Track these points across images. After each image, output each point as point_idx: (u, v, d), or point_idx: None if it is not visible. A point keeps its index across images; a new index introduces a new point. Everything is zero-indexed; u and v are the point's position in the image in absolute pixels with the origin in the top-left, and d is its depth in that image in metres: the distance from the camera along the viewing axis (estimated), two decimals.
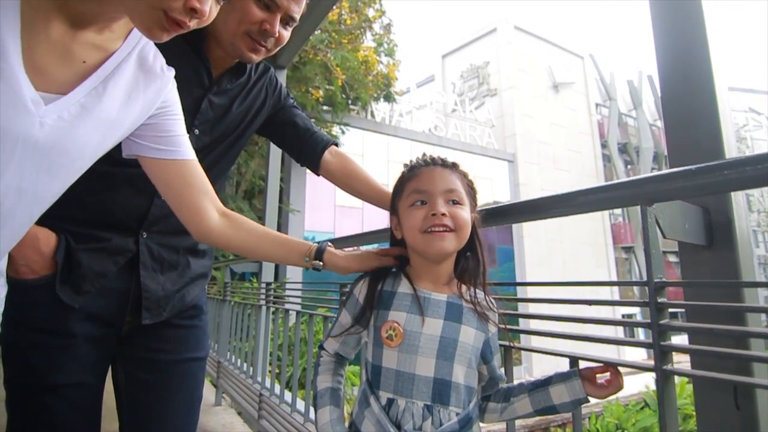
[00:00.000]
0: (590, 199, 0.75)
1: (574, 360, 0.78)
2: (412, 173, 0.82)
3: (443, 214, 0.74)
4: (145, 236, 0.89)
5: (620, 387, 0.70)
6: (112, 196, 0.85)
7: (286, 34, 0.92)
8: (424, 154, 0.85)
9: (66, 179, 0.62)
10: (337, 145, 1.14)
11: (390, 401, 0.71)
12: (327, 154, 1.10)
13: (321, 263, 0.83)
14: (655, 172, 0.66)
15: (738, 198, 0.79)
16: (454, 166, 0.82)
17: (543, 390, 0.74)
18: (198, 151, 0.93)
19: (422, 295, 0.76)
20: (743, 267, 0.74)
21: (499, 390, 0.79)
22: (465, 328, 0.74)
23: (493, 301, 0.80)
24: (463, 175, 0.82)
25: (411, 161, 0.85)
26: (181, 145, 0.77)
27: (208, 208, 0.80)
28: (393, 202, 0.84)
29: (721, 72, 0.79)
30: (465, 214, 0.77)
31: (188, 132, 0.87)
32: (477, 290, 0.78)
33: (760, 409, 0.65)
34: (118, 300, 0.87)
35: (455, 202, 0.77)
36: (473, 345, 0.74)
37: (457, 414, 0.71)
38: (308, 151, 1.10)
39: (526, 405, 0.75)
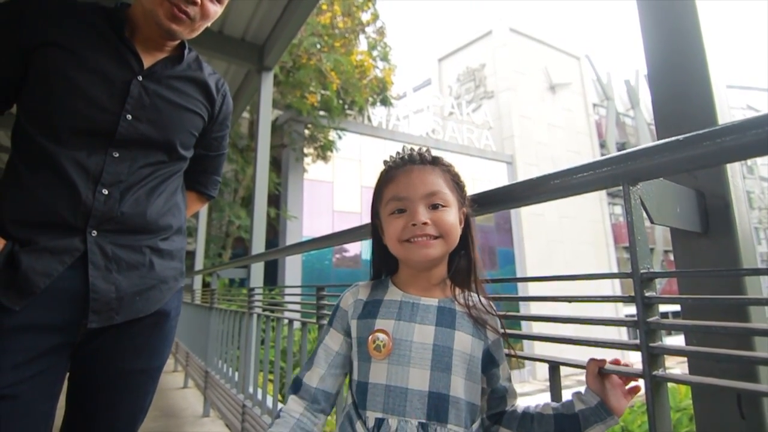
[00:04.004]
0: (566, 183, 0.65)
1: (554, 365, 0.69)
2: (389, 176, 0.74)
3: (424, 224, 0.67)
4: (95, 234, 0.81)
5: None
6: (39, 188, 0.78)
7: (213, 7, 0.87)
8: (403, 149, 0.75)
9: None
10: (208, 200, 1.17)
11: (379, 422, 0.62)
12: (192, 193, 1.12)
13: None
14: (639, 146, 0.57)
15: (737, 181, 0.71)
16: (434, 161, 0.74)
17: None
18: (135, 143, 0.85)
19: (410, 300, 0.69)
20: (744, 256, 0.65)
21: (513, 414, 0.67)
22: (459, 335, 0.65)
23: (491, 303, 0.71)
24: (446, 169, 0.74)
25: (390, 157, 0.76)
26: None
27: None
28: (374, 205, 0.77)
29: (710, 38, 0.70)
30: (450, 217, 0.69)
31: (114, 117, 0.82)
32: (471, 293, 0.70)
33: None
34: (71, 302, 0.79)
35: (439, 206, 0.69)
36: (471, 354, 0.65)
37: None
38: (187, 177, 1.05)
39: None
